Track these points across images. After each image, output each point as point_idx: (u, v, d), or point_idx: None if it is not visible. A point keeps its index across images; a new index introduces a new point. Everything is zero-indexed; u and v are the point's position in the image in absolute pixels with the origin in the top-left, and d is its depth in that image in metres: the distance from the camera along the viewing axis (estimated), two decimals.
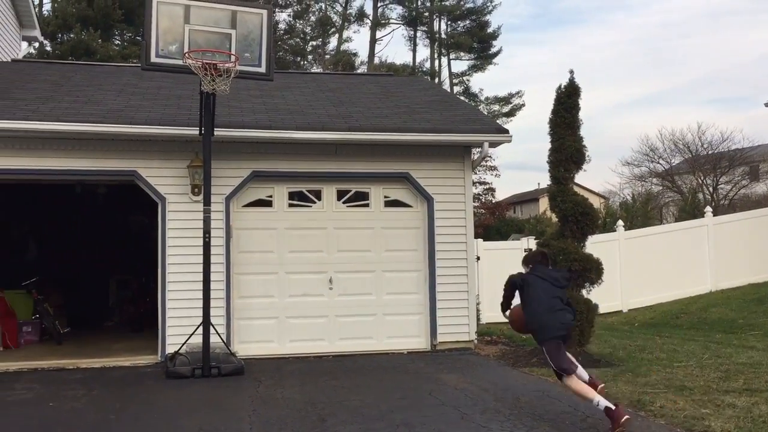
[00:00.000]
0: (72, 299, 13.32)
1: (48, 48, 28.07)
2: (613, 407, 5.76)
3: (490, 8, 41.58)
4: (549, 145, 10.17)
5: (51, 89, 10.87)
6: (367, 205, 10.54)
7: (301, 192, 10.39)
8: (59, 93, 10.67)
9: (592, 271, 9.73)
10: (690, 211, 24.18)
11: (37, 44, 19.09)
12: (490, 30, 41.90)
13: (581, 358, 8.99)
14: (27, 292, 11.84)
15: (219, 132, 9.18)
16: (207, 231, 8.72)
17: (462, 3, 41.50)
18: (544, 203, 32.65)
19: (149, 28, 8.60)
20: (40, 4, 31.98)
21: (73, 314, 12.99)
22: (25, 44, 16.48)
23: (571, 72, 10.11)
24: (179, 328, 9.23)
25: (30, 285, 11.89)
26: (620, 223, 17.21)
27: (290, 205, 10.33)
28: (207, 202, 8.81)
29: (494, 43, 42.16)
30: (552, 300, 6.13)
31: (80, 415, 6.69)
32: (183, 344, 8.76)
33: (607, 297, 13.82)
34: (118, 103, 10.28)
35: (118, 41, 31.16)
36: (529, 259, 6.62)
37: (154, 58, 8.64)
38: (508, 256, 15.27)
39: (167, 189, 9.73)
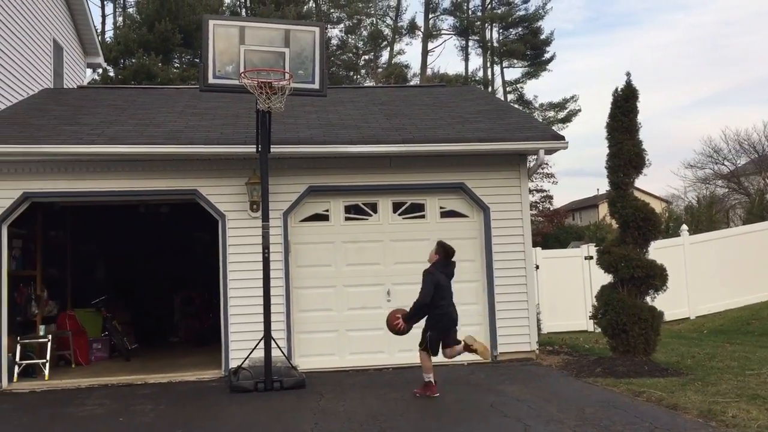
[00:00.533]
0: (139, 316, 13.72)
1: (111, 73, 29.13)
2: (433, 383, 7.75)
3: (542, 14, 41.26)
4: (607, 150, 9.99)
5: (115, 113, 11.27)
6: (422, 217, 10.53)
7: (357, 205, 10.46)
8: (123, 116, 11.05)
9: (656, 277, 9.49)
10: (758, 213, 23.30)
11: (100, 70, 19.83)
12: (542, 36, 41.53)
13: (647, 367, 8.82)
14: (96, 310, 12.25)
15: (275, 149, 9.35)
16: (266, 246, 8.87)
17: (514, 10, 41.25)
18: (603, 209, 31.99)
19: (206, 51, 8.84)
20: (102, 32, 33.23)
21: (139, 331, 13.37)
22: (89, 71, 17.16)
23: (628, 74, 9.93)
24: (241, 343, 9.40)
25: (99, 303, 12.30)
26: (684, 227, 16.74)
27: (346, 219, 10.42)
28: (265, 218, 8.96)
29: (547, 49, 41.77)
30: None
31: (149, 429, 6.85)
32: (246, 359, 8.90)
33: (673, 304, 13.46)
34: (178, 125, 10.58)
35: (177, 64, 32.09)
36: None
37: (211, 80, 8.86)
38: (568, 264, 15.07)
39: (227, 206, 9.94)
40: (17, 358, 9.78)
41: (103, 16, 36.73)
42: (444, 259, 8.28)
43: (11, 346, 9.68)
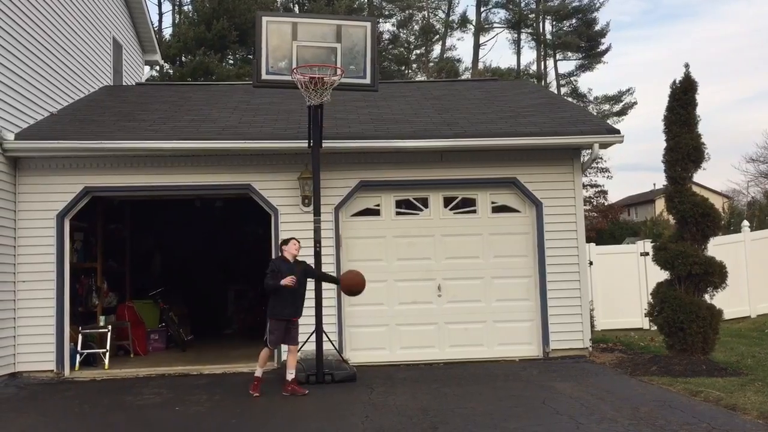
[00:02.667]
0: (194, 308, 14.02)
1: (170, 71, 29.77)
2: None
3: (597, 5, 40.39)
4: (664, 144, 9.77)
5: (171, 109, 11.52)
6: (474, 212, 10.47)
7: (407, 200, 10.47)
8: (179, 112, 11.29)
9: (715, 274, 9.26)
10: None
11: (158, 67, 20.26)
12: (597, 27, 40.67)
13: (705, 367, 8.60)
14: (154, 302, 12.57)
15: (327, 144, 9.42)
16: (317, 240, 8.95)
17: (568, 2, 40.55)
18: (660, 205, 31.20)
19: (259, 47, 8.95)
20: (160, 30, 33.97)
21: (195, 322, 13.67)
22: (147, 68, 17.56)
23: (687, 66, 9.68)
24: None
25: (156, 295, 12.62)
26: (745, 223, 16.22)
27: (397, 214, 10.43)
28: (317, 212, 9.04)
29: (602, 40, 40.88)
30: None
31: (204, 419, 7.01)
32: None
33: (733, 302, 13.06)
34: (232, 120, 10.76)
35: (232, 61, 32.58)
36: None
37: (264, 76, 8.98)
38: (623, 261, 14.76)
39: (279, 201, 10.07)
40: (79, 348, 10.12)
41: (160, 14, 37.52)
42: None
43: (73, 336, 10.03)
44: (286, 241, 8.41)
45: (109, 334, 10.50)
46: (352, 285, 8.28)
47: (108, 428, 6.78)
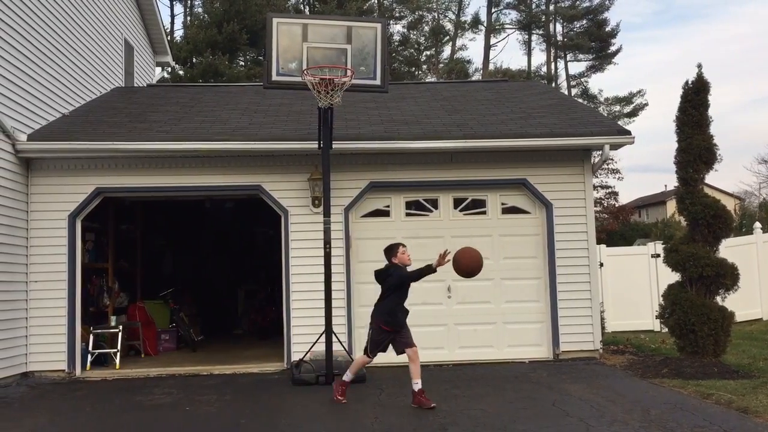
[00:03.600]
0: (204, 309, 14.08)
1: (180, 72, 29.92)
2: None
3: (608, 5, 40.28)
4: (676, 145, 9.72)
5: (182, 111, 11.57)
6: (484, 213, 10.46)
7: (417, 201, 10.47)
8: (190, 114, 11.34)
9: (727, 276, 9.20)
10: None
11: (169, 69, 20.35)
12: (608, 28, 40.58)
13: (717, 369, 8.54)
14: (164, 302, 12.63)
15: (337, 145, 9.43)
16: (327, 242, 8.96)
17: (578, 3, 40.43)
18: (671, 206, 31.07)
19: (270, 48, 8.97)
20: (171, 31, 34.13)
21: (205, 323, 13.72)
22: (158, 69, 17.64)
23: (699, 66, 9.63)
24: (303, 336, 9.54)
25: (167, 295, 12.68)
26: (757, 224, 16.10)
27: (407, 215, 10.43)
28: (327, 213, 9.05)
29: (613, 41, 40.82)
30: None
31: (213, 419, 7.03)
32: (307, 352, 9.03)
33: (745, 304, 12.98)
34: (242, 121, 10.79)
35: (242, 63, 32.69)
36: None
37: (275, 77, 8.99)
38: (634, 262, 14.70)
39: (289, 202, 10.09)
40: (90, 347, 10.18)
41: (172, 16, 37.73)
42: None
43: (85, 336, 10.09)
44: (392, 249, 7.56)
45: (120, 334, 10.55)
46: (473, 266, 7.18)
47: (119, 428, 6.81)
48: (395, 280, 7.39)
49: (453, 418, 6.70)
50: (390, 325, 7.33)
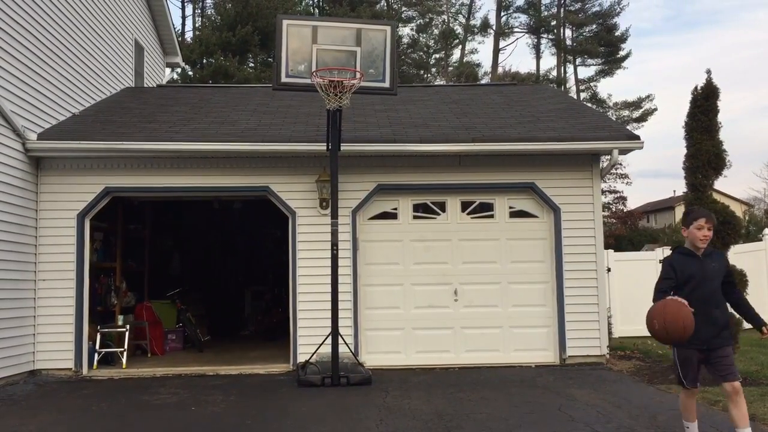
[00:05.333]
0: (211, 309, 14.11)
1: (190, 73, 30.02)
2: None
3: (618, 10, 40.23)
4: (685, 151, 9.69)
5: (191, 111, 11.61)
6: (491, 216, 10.45)
7: (425, 204, 10.46)
8: (199, 114, 11.37)
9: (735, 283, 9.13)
10: None
11: (179, 69, 20.43)
12: (617, 33, 40.52)
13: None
14: (171, 302, 12.67)
15: (345, 147, 9.44)
16: (335, 243, 8.97)
17: (588, 7, 40.38)
18: (680, 212, 30.98)
19: (279, 50, 8.98)
20: (183, 33, 34.25)
21: (212, 323, 13.75)
22: (168, 70, 17.71)
23: (708, 72, 9.58)
24: (309, 338, 9.55)
25: (174, 295, 12.72)
26: (766, 231, 16.02)
27: (415, 217, 10.43)
28: (334, 215, 9.06)
29: (623, 46, 40.75)
30: None
31: (219, 419, 7.04)
32: (313, 354, 9.03)
33: None
34: (251, 123, 10.82)
35: (252, 64, 32.78)
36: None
37: (284, 78, 9.01)
38: (641, 268, 14.63)
39: (297, 203, 10.11)
40: (97, 346, 10.22)
41: (183, 17, 37.89)
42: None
43: (92, 335, 10.12)
44: (687, 218, 5.41)
45: (127, 333, 10.58)
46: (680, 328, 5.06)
47: (125, 427, 6.83)
48: None
49: (458, 421, 6.68)
50: None
